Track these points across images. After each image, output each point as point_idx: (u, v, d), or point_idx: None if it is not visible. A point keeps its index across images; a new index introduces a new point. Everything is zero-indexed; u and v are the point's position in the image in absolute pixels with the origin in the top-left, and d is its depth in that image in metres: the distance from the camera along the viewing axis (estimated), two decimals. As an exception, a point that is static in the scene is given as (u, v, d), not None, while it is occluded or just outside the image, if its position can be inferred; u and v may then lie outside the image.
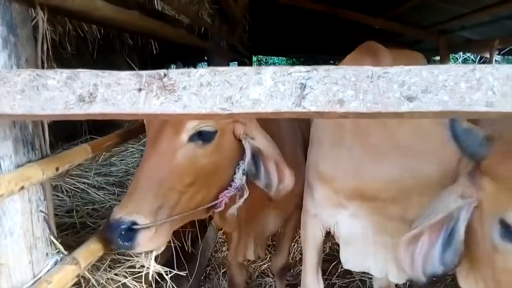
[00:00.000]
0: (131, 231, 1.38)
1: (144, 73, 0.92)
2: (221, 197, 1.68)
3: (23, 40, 1.19)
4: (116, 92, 0.91)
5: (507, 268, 1.18)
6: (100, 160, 2.80)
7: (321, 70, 0.90)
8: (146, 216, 1.41)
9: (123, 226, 1.37)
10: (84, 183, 2.35)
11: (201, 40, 3.52)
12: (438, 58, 6.43)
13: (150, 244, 1.44)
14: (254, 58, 11.87)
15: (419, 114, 0.90)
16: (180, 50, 3.29)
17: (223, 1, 4.09)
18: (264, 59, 14.76)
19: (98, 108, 0.91)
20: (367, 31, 7.32)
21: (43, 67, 1.26)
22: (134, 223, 1.38)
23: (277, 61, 14.61)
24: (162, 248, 1.55)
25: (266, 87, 0.90)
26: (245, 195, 1.72)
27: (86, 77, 0.92)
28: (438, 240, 1.34)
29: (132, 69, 0.98)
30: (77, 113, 0.91)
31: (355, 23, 6.86)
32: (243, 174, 1.69)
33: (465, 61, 9.99)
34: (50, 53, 1.33)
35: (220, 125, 1.58)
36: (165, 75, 0.91)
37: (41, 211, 1.22)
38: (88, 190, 2.25)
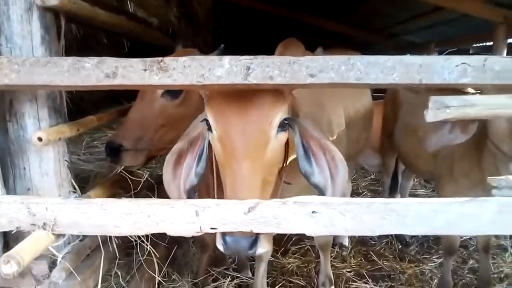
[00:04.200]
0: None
1: (148, 59, 1.52)
2: None
3: (52, 38, 1.76)
4: (130, 71, 1.51)
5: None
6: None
7: (260, 58, 1.54)
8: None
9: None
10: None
11: (170, 39, 4.10)
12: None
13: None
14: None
15: (317, 85, 1.56)
16: (149, 48, 3.89)
17: (188, 4, 4.71)
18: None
19: (118, 82, 1.50)
20: (324, 34, 8.14)
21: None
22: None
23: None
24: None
25: (225, 68, 1.52)
26: None
27: (110, 61, 1.51)
28: (195, 157, 1.74)
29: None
30: (104, 85, 1.50)
31: (314, 26, 7.68)
32: None
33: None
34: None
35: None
36: (161, 60, 1.51)
37: (65, 160, 1.79)
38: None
